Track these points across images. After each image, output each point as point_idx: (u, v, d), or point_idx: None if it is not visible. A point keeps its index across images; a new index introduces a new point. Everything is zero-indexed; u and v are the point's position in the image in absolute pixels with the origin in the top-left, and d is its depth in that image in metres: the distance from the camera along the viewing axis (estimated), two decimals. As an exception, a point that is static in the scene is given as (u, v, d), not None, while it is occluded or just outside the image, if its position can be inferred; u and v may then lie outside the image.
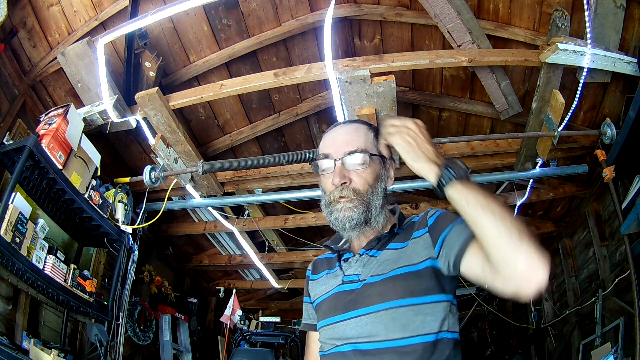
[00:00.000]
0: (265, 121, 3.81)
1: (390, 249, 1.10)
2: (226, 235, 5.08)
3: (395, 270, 1.04)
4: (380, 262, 1.08)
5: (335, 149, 1.12)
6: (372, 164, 1.11)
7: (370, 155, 1.11)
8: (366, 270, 1.09)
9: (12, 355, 2.24)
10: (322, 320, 1.14)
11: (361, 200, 1.08)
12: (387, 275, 1.04)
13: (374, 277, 1.06)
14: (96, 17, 2.88)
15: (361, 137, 1.13)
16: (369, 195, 1.09)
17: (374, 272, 1.07)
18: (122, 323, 3.26)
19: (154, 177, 3.16)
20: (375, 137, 1.16)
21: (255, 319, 6.10)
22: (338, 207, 1.09)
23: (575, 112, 2.81)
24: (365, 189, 1.09)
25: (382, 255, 1.10)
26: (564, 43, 2.42)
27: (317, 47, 3.33)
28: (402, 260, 1.05)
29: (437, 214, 1.10)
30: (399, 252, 1.08)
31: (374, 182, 1.10)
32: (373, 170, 1.11)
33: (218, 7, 3.03)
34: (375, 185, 1.11)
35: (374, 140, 1.15)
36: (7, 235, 2.21)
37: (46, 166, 2.48)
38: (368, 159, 1.10)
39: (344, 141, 1.12)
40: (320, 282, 1.22)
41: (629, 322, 2.89)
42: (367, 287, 1.06)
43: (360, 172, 1.09)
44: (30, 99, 2.98)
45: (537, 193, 3.84)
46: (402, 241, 1.10)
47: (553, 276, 4.74)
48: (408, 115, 3.74)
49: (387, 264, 1.07)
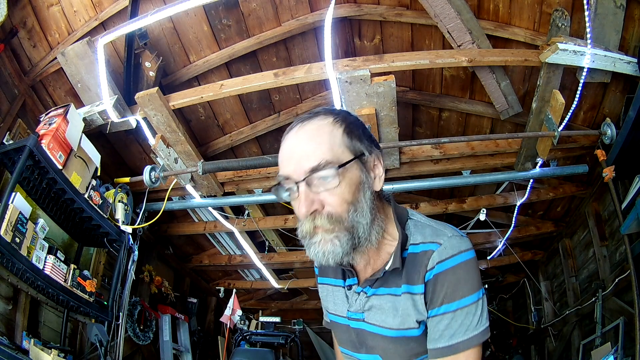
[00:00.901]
0: (265, 121, 3.81)
1: (390, 294, 0.94)
2: (226, 235, 5.08)
3: (395, 332, 0.94)
4: (380, 310, 0.95)
5: (294, 166, 0.86)
6: (347, 174, 0.87)
7: (342, 166, 0.86)
8: (369, 314, 0.97)
9: (12, 355, 2.24)
10: (340, 345, 1.12)
11: (341, 226, 0.86)
12: (386, 332, 0.95)
13: (375, 327, 0.96)
14: (96, 17, 2.88)
15: (324, 143, 0.87)
16: (350, 218, 0.87)
17: (374, 321, 0.96)
18: (122, 323, 3.26)
19: (154, 177, 3.16)
20: (346, 131, 0.90)
21: (255, 319, 6.11)
22: (315, 241, 0.88)
23: (575, 112, 2.81)
24: (344, 210, 0.86)
25: (382, 299, 0.95)
26: (564, 43, 2.42)
27: (317, 47, 3.33)
28: (398, 320, 0.93)
29: (440, 270, 0.88)
30: (395, 301, 0.93)
31: (354, 196, 0.87)
32: (350, 182, 0.87)
33: (218, 7, 3.03)
34: (358, 199, 0.87)
35: (345, 137, 0.89)
36: (7, 235, 2.22)
37: (46, 166, 2.48)
38: (338, 174, 0.85)
39: (302, 155, 0.86)
40: (329, 293, 1.11)
41: (629, 322, 2.89)
42: (371, 335, 0.98)
43: (333, 191, 0.86)
44: (30, 99, 2.98)
45: (537, 193, 3.84)
46: (398, 284, 0.93)
47: (553, 276, 4.75)
48: (408, 115, 3.74)
49: (386, 316, 0.95)
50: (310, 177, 0.85)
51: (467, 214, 4.52)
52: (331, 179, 0.85)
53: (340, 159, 0.86)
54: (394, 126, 2.91)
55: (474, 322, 0.87)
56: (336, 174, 0.85)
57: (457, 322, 0.87)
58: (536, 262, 5.08)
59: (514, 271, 5.54)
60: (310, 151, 0.86)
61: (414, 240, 0.94)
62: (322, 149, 0.86)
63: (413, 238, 0.94)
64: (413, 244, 0.93)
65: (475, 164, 3.41)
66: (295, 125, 0.93)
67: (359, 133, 0.92)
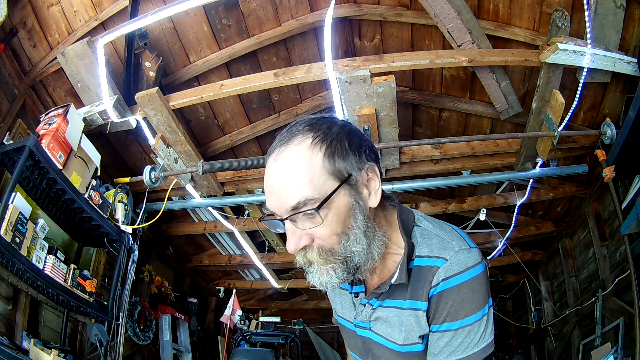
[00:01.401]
0: (265, 121, 3.81)
1: (395, 307, 0.91)
2: (226, 235, 5.08)
3: (399, 347, 0.92)
4: (386, 323, 0.93)
5: (276, 203, 0.80)
6: (333, 204, 0.79)
7: (324, 202, 0.78)
8: (376, 325, 0.95)
9: (12, 355, 2.24)
10: (349, 349, 1.12)
11: (335, 258, 0.82)
12: (392, 346, 0.93)
13: (380, 338, 0.95)
14: (96, 17, 2.88)
15: (302, 176, 0.78)
16: (343, 249, 0.81)
17: (380, 331, 0.95)
18: (122, 323, 3.26)
19: (154, 177, 3.17)
20: (327, 153, 0.80)
21: (255, 319, 6.11)
22: (313, 271, 0.84)
23: (575, 112, 2.81)
24: (335, 242, 0.81)
25: (388, 310, 0.92)
26: (564, 43, 2.42)
27: (317, 47, 3.33)
28: (403, 335, 0.91)
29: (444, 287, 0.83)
30: (401, 316, 0.90)
31: (344, 225, 0.81)
32: (337, 212, 0.80)
33: (218, 7, 3.03)
34: (349, 227, 0.81)
35: (326, 162, 0.79)
36: (7, 235, 2.21)
37: (46, 166, 2.48)
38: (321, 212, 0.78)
39: (280, 191, 0.79)
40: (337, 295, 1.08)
41: (629, 322, 2.89)
42: (377, 345, 0.97)
43: (325, 224, 0.79)
44: (30, 99, 2.97)
45: (537, 193, 3.84)
46: (404, 297, 0.89)
47: (553, 276, 4.75)
48: (408, 115, 3.74)
49: (391, 329, 0.92)
50: (293, 215, 0.79)
51: (467, 214, 4.52)
52: (315, 216, 0.78)
53: (322, 191, 0.78)
54: (394, 126, 2.91)
55: (475, 339, 0.84)
56: (318, 214, 0.78)
57: (457, 340, 0.84)
58: (536, 262, 5.08)
59: (514, 271, 5.54)
60: (288, 188, 0.78)
61: (420, 252, 0.88)
62: (301, 184, 0.77)
63: (419, 250, 0.88)
64: (419, 256, 0.88)
65: (475, 164, 3.41)
66: (275, 148, 0.83)
67: (344, 150, 0.81)
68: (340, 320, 1.09)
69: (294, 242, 0.81)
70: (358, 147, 0.83)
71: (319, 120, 0.85)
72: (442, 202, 4.21)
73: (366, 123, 2.82)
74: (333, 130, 0.82)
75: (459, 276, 0.83)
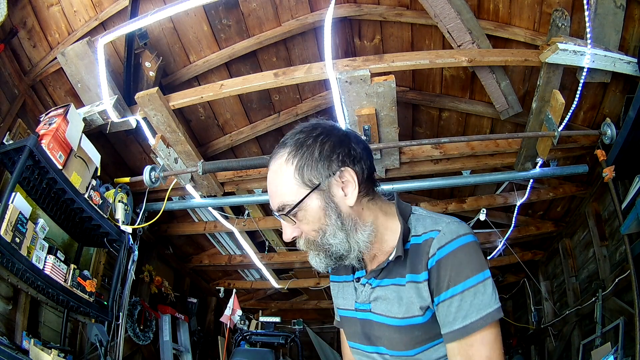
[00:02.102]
0: (265, 121, 3.81)
1: (394, 284, 1.00)
2: (226, 235, 5.08)
3: (400, 321, 0.97)
4: (385, 299, 1.01)
5: (271, 202, 1.00)
6: (307, 207, 0.95)
7: (294, 208, 0.95)
8: (375, 305, 1.03)
9: (12, 355, 2.24)
10: (348, 340, 1.16)
11: (318, 248, 0.98)
12: (392, 322, 0.99)
13: (380, 317, 1.01)
14: (96, 17, 2.88)
15: (281, 185, 0.96)
16: (321, 241, 0.97)
17: (380, 310, 1.01)
18: (122, 323, 3.26)
19: (154, 177, 3.16)
20: (297, 166, 0.95)
21: (255, 319, 6.10)
22: (309, 255, 1.03)
23: (575, 112, 2.81)
24: (316, 236, 0.98)
25: (386, 289, 1.01)
26: (564, 43, 2.42)
27: (317, 47, 3.33)
28: (403, 308, 0.97)
29: (442, 255, 0.91)
30: (399, 290, 0.98)
31: (320, 223, 0.96)
32: (312, 212, 0.96)
33: (218, 7, 3.03)
34: (326, 225, 0.96)
35: (296, 174, 0.95)
36: (7, 235, 2.21)
37: (46, 166, 2.48)
38: (297, 212, 0.96)
39: (270, 195, 1.00)
40: (340, 289, 1.17)
41: (629, 322, 2.89)
42: (377, 325, 1.02)
43: (304, 222, 0.97)
44: (30, 99, 2.97)
45: (537, 193, 3.84)
46: (402, 274, 0.98)
47: (553, 276, 4.75)
48: (408, 115, 3.75)
49: (391, 305, 0.99)
50: (280, 215, 0.98)
51: (467, 214, 4.52)
52: (294, 216, 0.97)
53: (296, 198, 0.95)
54: (394, 126, 2.91)
55: (485, 300, 0.89)
56: (296, 212, 0.96)
57: (467, 303, 0.89)
58: (536, 262, 5.08)
59: (514, 271, 5.54)
60: (273, 193, 0.99)
61: (416, 232, 0.99)
62: (281, 191, 0.97)
63: (415, 230, 0.99)
64: (415, 235, 0.98)
65: (475, 164, 3.41)
66: (270, 159, 1.01)
67: (313, 161, 0.95)
68: (342, 313, 1.15)
69: (287, 234, 1.01)
70: (328, 157, 0.96)
71: (301, 132, 0.99)
72: (442, 202, 4.21)
73: (366, 123, 2.82)
74: (307, 144, 0.97)
75: (453, 242, 0.92)
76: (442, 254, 0.91)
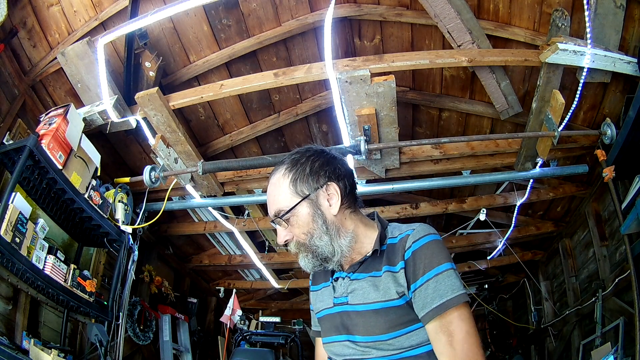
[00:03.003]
0: (265, 121, 3.81)
1: (371, 275, 1.12)
2: (226, 235, 5.08)
3: (376, 304, 1.08)
4: (361, 289, 1.12)
5: (269, 210, 1.18)
6: (298, 213, 1.13)
7: (286, 213, 1.13)
8: (352, 296, 1.14)
9: (12, 355, 2.24)
10: (324, 337, 1.24)
11: (306, 249, 1.13)
12: (368, 307, 1.09)
13: (357, 306, 1.11)
14: (96, 17, 2.88)
15: (278, 194, 1.15)
16: (310, 243, 1.13)
17: (357, 300, 1.12)
18: (122, 323, 3.26)
19: (154, 177, 3.16)
20: (292, 180, 1.14)
21: (255, 319, 6.10)
22: (299, 257, 1.16)
23: (575, 112, 2.81)
24: (304, 239, 1.13)
25: (363, 281, 1.13)
26: (564, 43, 2.42)
27: (317, 47, 3.33)
28: (380, 293, 1.08)
29: (417, 246, 1.07)
30: (375, 280, 1.10)
31: (308, 227, 1.13)
32: (302, 218, 1.13)
33: (218, 7, 3.03)
34: (313, 229, 1.12)
35: (290, 186, 1.14)
36: (7, 235, 2.21)
37: (46, 166, 2.48)
38: (289, 217, 1.13)
39: (269, 203, 1.18)
40: (319, 295, 1.28)
41: (629, 322, 2.89)
42: (354, 314, 1.12)
43: (295, 226, 1.13)
44: (30, 99, 2.97)
45: (537, 193, 3.84)
46: (379, 268, 1.11)
47: (553, 276, 4.75)
48: (408, 115, 3.75)
49: (367, 292, 1.10)
50: (276, 220, 1.15)
51: (467, 214, 4.52)
52: (287, 222, 1.14)
53: (289, 204, 1.13)
54: (394, 126, 2.91)
55: (457, 283, 1.03)
56: (288, 217, 1.13)
57: (442, 284, 1.02)
58: (536, 262, 5.08)
59: (514, 271, 5.54)
60: (271, 202, 1.16)
61: (392, 235, 1.15)
62: (277, 200, 1.15)
63: (391, 234, 1.16)
64: (391, 237, 1.15)
65: (475, 164, 3.41)
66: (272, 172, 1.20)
67: (305, 176, 1.14)
68: (321, 314, 1.25)
69: (281, 237, 1.16)
70: (317, 173, 1.15)
71: (296, 153, 1.20)
72: (442, 202, 4.21)
73: (366, 123, 2.82)
74: (300, 162, 1.16)
75: (425, 237, 1.08)
76: (417, 246, 1.07)
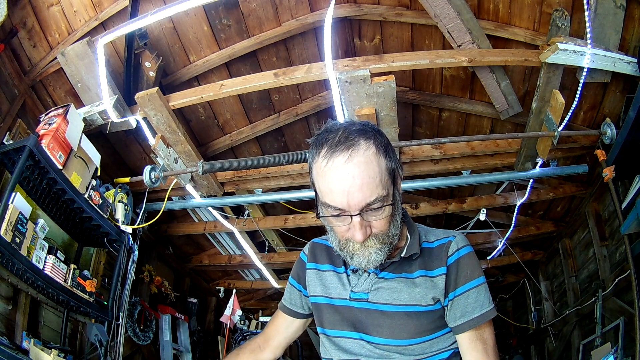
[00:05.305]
0: (265, 121, 3.81)
1: (402, 277, 1.04)
2: (226, 235, 5.08)
3: (407, 307, 1.01)
4: (391, 290, 1.03)
5: (349, 202, 0.89)
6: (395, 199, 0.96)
7: (393, 199, 0.94)
8: (376, 294, 1.04)
9: (12, 355, 2.24)
10: (325, 328, 1.12)
11: (385, 243, 0.97)
12: (398, 308, 1.01)
13: (382, 306, 1.03)
14: (96, 17, 2.88)
15: (375, 176, 0.90)
16: (392, 234, 0.98)
17: (382, 300, 1.03)
18: (122, 323, 3.26)
19: (154, 177, 3.16)
20: (387, 158, 0.93)
21: (255, 319, 6.10)
22: (360, 252, 0.97)
23: (575, 112, 2.81)
24: (387, 232, 0.96)
25: (393, 282, 1.04)
26: (564, 43, 2.42)
27: (317, 47, 3.33)
28: (413, 297, 1.01)
29: (460, 255, 1.02)
30: (409, 283, 1.03)
31: (394, 219, 0.97)
32: (392, 208, 0.95)
33: (218, 7, 3.03)
34: (396, 220, 0.98)
35: (387, 165, 0.92)
36: (7, 235, 2.21)
37: (46, 166, 2.48)
38: (391, 207, 0.93)
39: (357, 190, 0.88)
40: (322, 278, 1.15)
41: (629, 322, 2.89)
42: (377, 314, 1.03)
43: (382, 215, 0.94)
44: (30, 99, 2.97)
45: (537, 193, 3.84)
46: (410, 271, 1.04)
47: (553, 276, 4.75)
48: (408, 115, 3.74)
49: (398, 294, 1.02)
50: (365, 210, 0.91)
51: (467, 214, 4.52)
52: (383, 211, 0.92)
53: (388, 189, 0.92)
54: (394, 126, 2.91)
55: (490, 297, 1.04)
56: (389, 209, 0.93)
57: (482, 295, 1.02)
58: (536, 262, 5.08)
59: (514, 271, 5.54)
60: (365, 187, 0.89)
61: (427, 239, 1.08)
62: (376, 184, 0.89)
63: (426, 237, 1.09)
64: (427, 242, 1.08)
65: (475, 164, 3.41)
66: (338, 153, 0.89)
67: (393, 152, 0.97)
68: (321, 300, 1.14)
69: (363, 234, 0.93)
70: (393, 150, 0.98)
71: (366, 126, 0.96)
72: (442, 202, 4.21)
73: (366, 123, 2.82)
74: (379, 133, 0.96)
75: (466, 247, 1.05)
76: (460, 254, 1.03)
